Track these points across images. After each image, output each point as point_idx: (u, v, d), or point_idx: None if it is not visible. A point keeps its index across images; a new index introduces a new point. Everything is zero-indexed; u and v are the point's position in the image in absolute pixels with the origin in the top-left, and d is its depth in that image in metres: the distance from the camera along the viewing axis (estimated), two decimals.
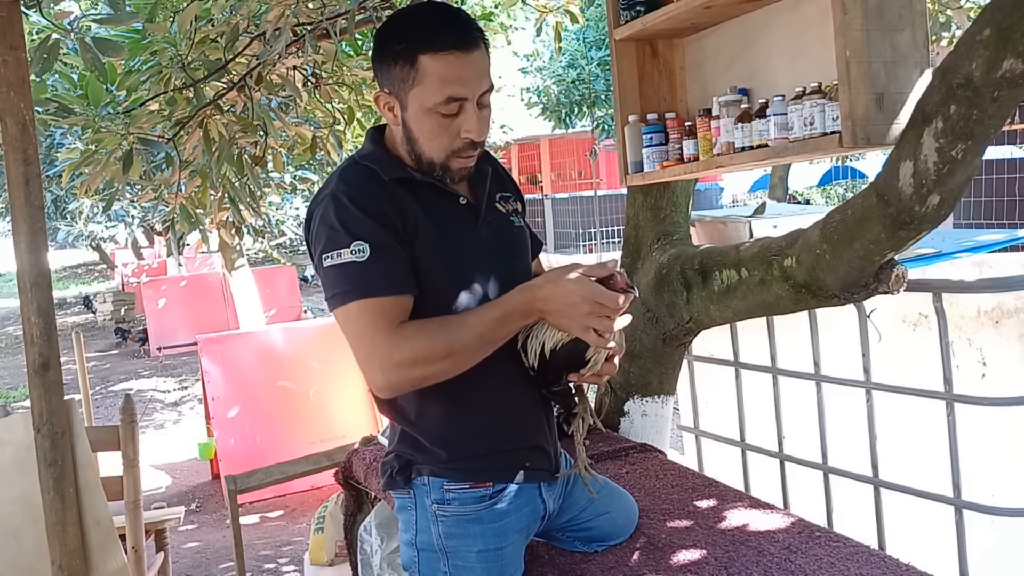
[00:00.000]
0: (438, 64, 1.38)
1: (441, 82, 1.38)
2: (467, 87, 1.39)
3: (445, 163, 1.44)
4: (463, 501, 1.48)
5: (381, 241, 1.37)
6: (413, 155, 1.46)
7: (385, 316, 1.37)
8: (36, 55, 2.19)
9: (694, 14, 2.11)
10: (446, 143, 1.43)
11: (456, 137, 1.42)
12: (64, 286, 22.38)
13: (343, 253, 1.37)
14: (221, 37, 2.74)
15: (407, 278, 1.40)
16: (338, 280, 1.38)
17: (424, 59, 1.38)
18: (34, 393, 2.00)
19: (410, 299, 1.41)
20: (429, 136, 1.43)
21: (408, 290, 1.40)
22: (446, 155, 1.44)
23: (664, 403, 2.57)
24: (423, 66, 1.38)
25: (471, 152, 1.45)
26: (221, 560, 4.65)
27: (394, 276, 1.38)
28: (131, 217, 12.66)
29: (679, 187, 2.54)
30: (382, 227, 1.38)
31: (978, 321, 2.27)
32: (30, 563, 2.19)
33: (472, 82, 1.40)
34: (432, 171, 1.46)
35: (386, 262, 1.37)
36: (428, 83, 1.39)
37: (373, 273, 1.36)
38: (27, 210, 1.94)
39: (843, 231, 1.71)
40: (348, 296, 1.37)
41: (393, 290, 1.38)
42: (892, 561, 1.60)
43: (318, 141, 3.64)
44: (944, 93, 1.44)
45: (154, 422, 8.15)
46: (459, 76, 1.38)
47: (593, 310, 1.36)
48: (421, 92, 1.40)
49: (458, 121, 1.41)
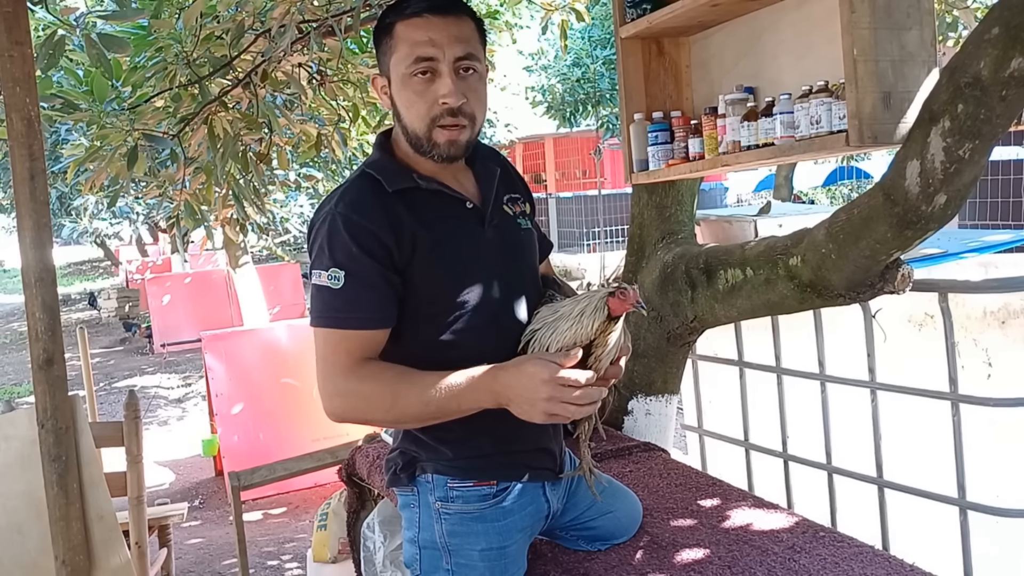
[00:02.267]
0: (408, 28, 1.41)
1: (410, 44, 1.40)
2: (437, 48, 1.39)
3: (429, 135, 1.43)
4: (466, 499, 1.48)
5: (360, 272, 1.38)
6: (405, 135, 1.46)
7: (347, 350, 1.40)
8: (42, 51, 2.19)
9: (700, 12, 2.10)
10: (423, 111, 1.42)
11: (433, 104, 1.41)
12: (69, 282, 22.43)
13: (322, 275, 1.39)
14: (226, 34, 2.74)
15: (380, 312, 1.41)
16: (316, 301, 1.42)
17: (398, 26, 1.42)
18: (38, 389, 2.01)
19: (379, 332, 1.42)
20: (407, 105, 1.43)
21: (377, 325, 1.41)
22: (426, 124, 1.42)
23: (668, 402, 2.57)
24: (397, 33, 1.42)
25: (452, 120, 1.42)
26: (224, 556, 4.65)
27: (364, 310, 1.39)
28: (135, 214, 12.67)
29: (684, 186, 2.54)
30: (368, 256, 1.38)
31: (984, 321, 2.26)
32: (34, 558, 2.20)
33: (442, 44, 1.40)
34: (420, 147, 1.45)
35: (359, 294, 1.38)
36: (400, 48, 1.41)
37: (343, 305, 1.39)
38: (32, 206, 1.94)
39: (849, 230, 1.70)
40: (319, 321, 1.41)
41: (360, 324, 1.40)
42: (896, 561, 1.60)
43: (323, 138, 3.63)
44: (952, 92, 1.44)
45: (158, 418, 8.16)
46: (428, 38, 1.39)
47: (554, 394, 1.31)
48: (396, 60, 1.42)
49: (434, 87, 1.41)
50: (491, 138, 12.39)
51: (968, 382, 2.12)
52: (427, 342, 1.45)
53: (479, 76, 1.45)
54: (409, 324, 1.44)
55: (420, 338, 1.45)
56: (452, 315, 1.45)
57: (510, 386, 1.35)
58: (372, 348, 1.42)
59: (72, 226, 14.77)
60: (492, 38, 5.61)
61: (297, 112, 3.51)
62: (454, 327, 1.45)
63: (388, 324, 1.43)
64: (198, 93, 2.88)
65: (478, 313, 1.46)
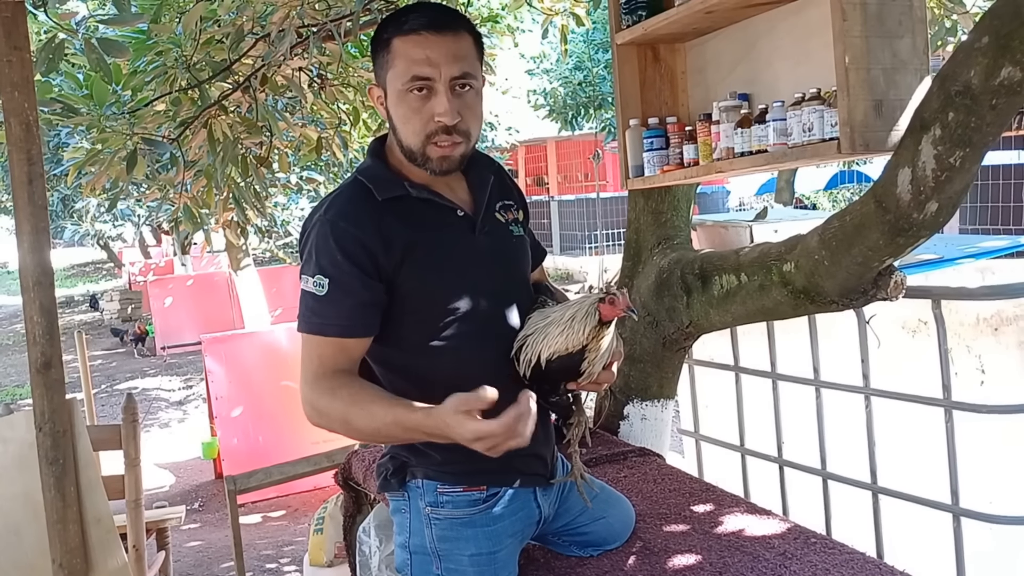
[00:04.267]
0: (406, 44, 1.40)
1: (407, 62, 1.40)
2: (434, 67, 1.39)
3: (423, 150, 1.44)
4: (456, 504, 1.49)
5: (343, 280, 1.39)
6: (400, 146, 1.47)
7: (320, 356, 1.42)
8: (42, 55, 2.20)
9: (696, 19, 2.11)
10: (419, 127, 1.42)
11: (429, 121, 1.41)
12: (72, 284, 22.48)
13: (308, 281, 1.41)
14: (226, 38, 2.75)
15: (360, 321, 1.42)
16: (301, 305, 1.44)
17: (396, 42, 1.41)
18: (36, 392, 2.01)
19: (357, 342, 1.43)
20: (403, 120, 1.44)
21: (355, 333, 1.43)
22: (421, 140, 1.43)
23: (664, 407, 2.57)
24: (394, 48, 1.42)
25: (447, 138, 1.43)
26: (223, 559, 4.66)
27: (343, 319, 1.41)
28: (137, 216, 12.69)
29: (680, 191, 2.54)
30: (353, 265, 1.39)
31: (977, 328, 2.27)
32: (31, 560, 2.21)
33: (440, 63, 1.39)
34: (415, 160, 1.46)
35: (340, 302, 1.40)
36: (397, 64, 1.41)
37: (323, 312, 1.40)
38: (30, 209, 1.95)
39: (842, 237, 1.70)
40: (301, 326, 1.44)
41: (338, 332, 1.41)
42: (887, 568, 1.60)
43: (323, 142, 3.64)
44: (943, 100, 1.44)
45: (159, 421, 8.17)
46: (425, 56, 1.39)
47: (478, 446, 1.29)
48: (393, 75, 1.42)
49: (430, 104, 1.41)
50: (493, 141, 12.39)
51: (961, 388, 2.12)
52: (418, 348, 1.46)
53: (475, 92, 1.45)
54: (401, 331, 1.45)
55: (412, 345, 1.46)
56: (443, 322, 1.46)
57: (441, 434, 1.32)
58: (347, 357, 1.43)
59: (75, 228, 14.80)
60: (494, 41, 5.62)
61: (297, 116, 3.52)
62: (445, 333, 1.46)
63: (366, 333, 1.44)
64: (198, 97, 2.90)
65: (469, 320, 1.46)
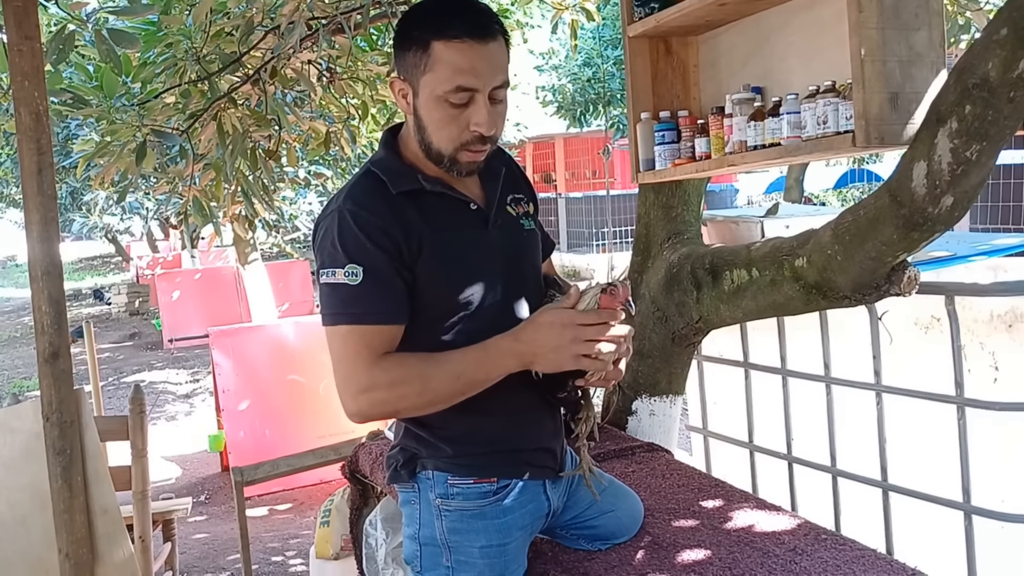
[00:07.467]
0: (450, 51, 1.35)
1: (452, 70, 1.36)
2: (479, 78, 1.36)
3: (453, 155, 1.42)
4: (467, 496, 1.48)
5: (376, 266, 1.37)
6: (423, 145, 1.44)
7: (368, 345, 1.38)
8: (52, 45, 2.20)
9: (708, 11, 2.09)
10: (455, 134, 1.40)
11: (465, 129, 1.40)
12: (80, 277, 22.55)
13: (337, 273, 1.37)
14: (236, 30, 2.74)
15: (397, 307, 1.40)
16: (330, 300, 1.40)
17: (437, 45, 1.36)
18: (44, 382, 2.01)
19: (397, 328, 1.41)
20: (438, 125, 1.40)
21: (396, 319, 1.40)
22: (454, 147, 1.41)
23: (672, 403, 2.56)
24: (435, 52, 1.36)
25: (480, 146, 1.42)
26: (229, 552, 4.67)
27: (383, 305, 1.38)
28: (145, 210, 12.73)
29: (691, 186, 2.53)
30: (381, 251, 1.37)
31: (991, 325, 2.25)
32: (38, 551, 2.21)
33: (484, 74, 1.37)
34: (440, 162, 1.44)
35: (377, 289, 1.37)
36: (439, 70, 1.36)
37: (362, 300, 1.37)
38: (40, 199, 1.94)
39: (855, 232, 1.69)
40: (337, 319, 1.39)
41: (380, 319, 1.39)
42: (898, 565, 1.59)
43: (332, 136, 3.63)
44: (959, 93, 1.43)
45: (166, 414, 8.20)
46: (471, 66, 1.36)
47: (577, 335, 1.34)
48: (432, 79, 1.37)
49: (467, 113, 1.39)
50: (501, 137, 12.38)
51: (974, 386, 2.11)
52: (430, 343, 1.44)
53: (505, 99, 1.44)
54: (412, 324, 1.44)
55: (423, 339, 1.44)
56: (455, 316, 1.44)
57: (532, 341, 1.36)
58: (390, 344, 1.40)
59: (83, 221, 14.85)
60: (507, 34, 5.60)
61: (306, 109, 3.51)
62: (457, 328, 1.45)
63: (404, 319, 1.41)
64: (207, 89, 2.89)
65: (481, 314, 1.45)
